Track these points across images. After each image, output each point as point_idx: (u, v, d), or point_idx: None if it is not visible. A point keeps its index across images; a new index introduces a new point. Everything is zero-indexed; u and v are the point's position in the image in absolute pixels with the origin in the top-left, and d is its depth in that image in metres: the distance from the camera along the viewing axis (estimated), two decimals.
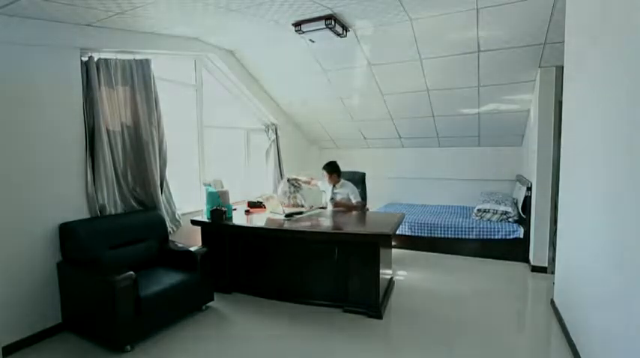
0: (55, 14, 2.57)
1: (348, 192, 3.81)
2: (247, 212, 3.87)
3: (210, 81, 4.38)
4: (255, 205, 4.04)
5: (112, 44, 3.09)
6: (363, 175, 4.34)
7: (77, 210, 2.86)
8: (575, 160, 2.58)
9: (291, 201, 4.16)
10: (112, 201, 3.05)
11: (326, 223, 3.43)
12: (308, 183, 4.31)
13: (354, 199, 3.78)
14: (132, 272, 2.49)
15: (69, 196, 2.83)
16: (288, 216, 3.52)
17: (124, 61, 3.12)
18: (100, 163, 2.95)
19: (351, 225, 3.35)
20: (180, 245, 3.25)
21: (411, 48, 3.69)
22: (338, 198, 3.87)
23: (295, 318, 2.99)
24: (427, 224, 4.65)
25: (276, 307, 3.19)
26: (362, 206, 3.84)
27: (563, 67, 3.03)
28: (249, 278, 3.45)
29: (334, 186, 3.88)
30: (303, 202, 4.21)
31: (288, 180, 4.30)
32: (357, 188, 3.91)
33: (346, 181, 3.91)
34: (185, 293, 2.91)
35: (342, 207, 3.82)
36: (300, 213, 3.67)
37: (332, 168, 3.83)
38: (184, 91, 4.07)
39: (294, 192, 4.21)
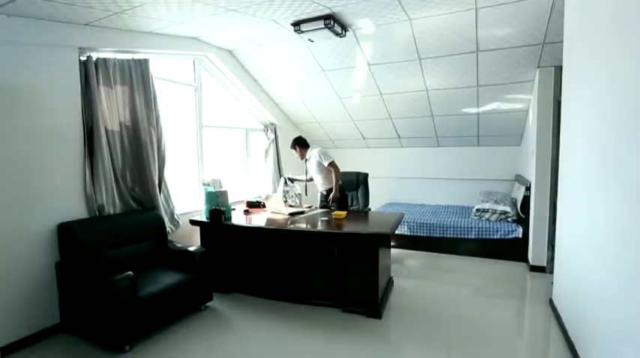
0: (54, 13, 2.56)
1: (317, 159, 3.89)
2: (246, 212, 3.86)
3: (209, 80, 4.38)
4: (254, 205, 4.04)
5: (110, 44, 3.08)
6: (366, 176, 4.31)
7: (76, 210, 2.86)
8: (574, 160, 2.58)
9: (289, 201, 4.16)
10: (110, 201, 3.05)
11: (325, 223, 3.42)
12: (303, 181, 4.32)
13: (326, 162, 3.83)
14: (131, 273, 2.49)
15: (67, 196, 2.82)
16: (292, 215, 3.52)
17: (122, 60, 3.11)
18: (99, 163, 2.95)
19: (350, 224, 3.35)
20: (179, 245, 3.25)
21: (411, 48, 3.69)
22: (310, 169, 4.01)
23: (294, 318, 2.99)
24: (426, 224, 4.65)
25: (274, 307, 3.19)
26: (336, 168, 3.87)
27: (561, 67, 3.03)
28: (247, 278, 3.45)
29: (306, 160, 4.03)
30: (297, 202, 4.20)
31: (289, 179, 4.31)
32: (359, 189, 3.90)
33: (310, 148, 4.04)
34: (184, 293, 2.90)
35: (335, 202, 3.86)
36: (302, 212, 3.67)
37: (300, 143, 4.01)
38: (183, 91, 4.06)
39: (290, 190, 4.23)
